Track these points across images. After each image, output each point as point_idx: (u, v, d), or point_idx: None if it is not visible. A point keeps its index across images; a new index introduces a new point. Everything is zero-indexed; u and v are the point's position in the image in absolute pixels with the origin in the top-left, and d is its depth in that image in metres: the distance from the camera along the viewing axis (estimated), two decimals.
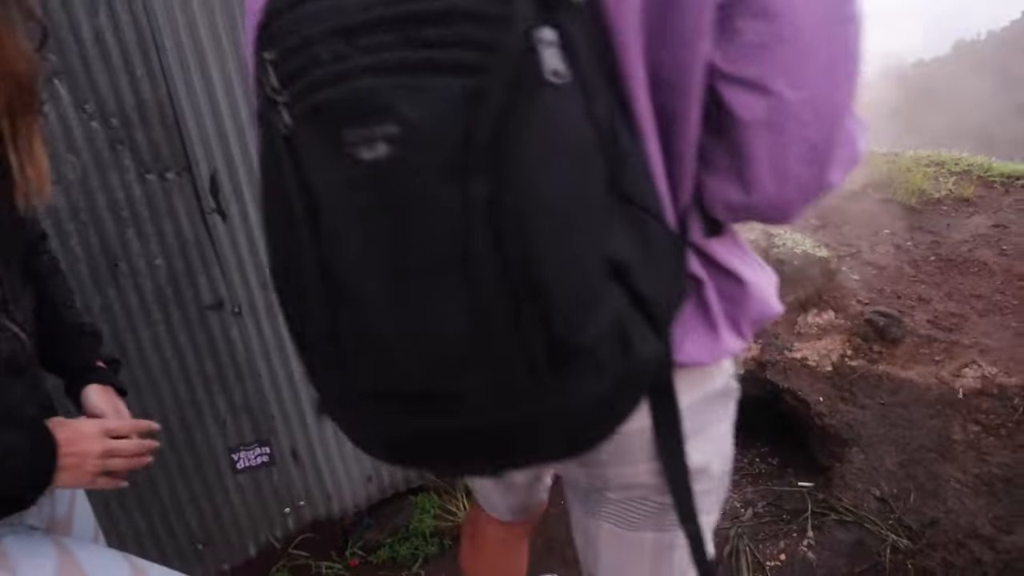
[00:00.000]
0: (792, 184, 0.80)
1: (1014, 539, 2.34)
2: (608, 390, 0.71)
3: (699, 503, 1.00)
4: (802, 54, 0.74)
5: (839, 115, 0.78)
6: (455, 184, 0.63)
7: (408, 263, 0.67)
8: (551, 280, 0.65)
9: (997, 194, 4.51)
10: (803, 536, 2.50)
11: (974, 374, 2.81)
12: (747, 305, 0.93)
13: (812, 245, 3.54)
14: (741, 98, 0.76)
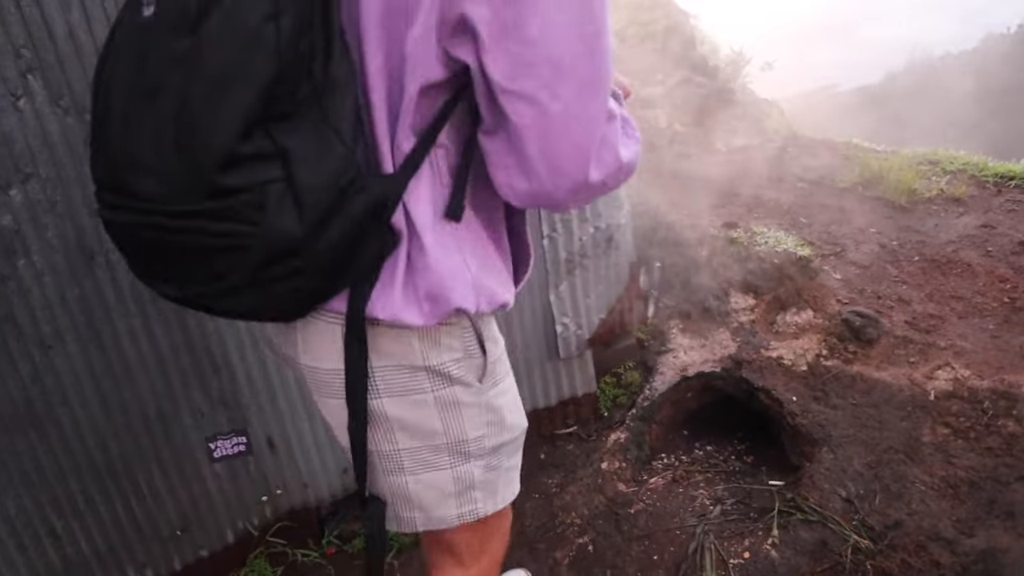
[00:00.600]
0: (562, 178, 1.03)
1: (974, 542, 2.36)
2: (239, 239, 0.97)
3: (400, 460, 1.28)
4: (561, 74, 0.96)
5: (594, 124, 1.01)
6: (174, 38, 0.92)
7: (137, 87, 0.97)
8: (202, 126, 0.92)
9: (989, 194, 4.51)
10: (768, 535, 2.53)
11: (947, 376, 2.83)
12: (426, 276, 1.11)
13: (794, 243, 3.56)
14: (516, 107, 0.99)
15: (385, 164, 1.06)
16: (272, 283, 1.02)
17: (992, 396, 2.71)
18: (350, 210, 1.00)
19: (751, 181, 4.68)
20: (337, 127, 0.98)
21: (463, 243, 1.16)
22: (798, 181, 4.76)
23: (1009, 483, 2.49)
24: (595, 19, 0.97)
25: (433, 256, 1.11)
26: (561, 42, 0.96)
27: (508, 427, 1.38)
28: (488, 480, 1.38)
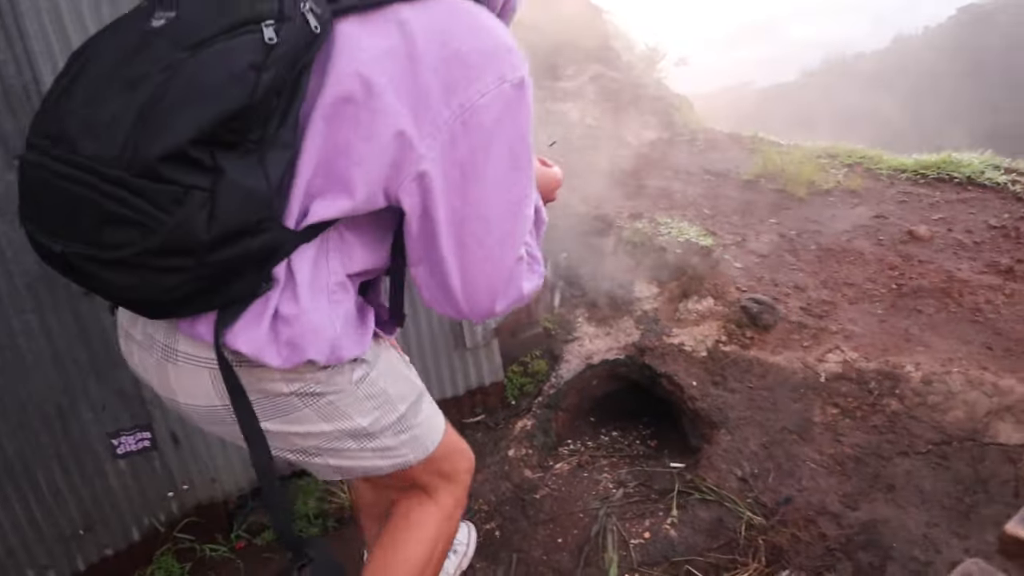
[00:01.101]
0: (475, 307, 1.34)
1: (858, 515, 2.49)
2: (149, 219, 1.08)
3: (309, 453, 1.51)
4: (488, 229, 1.27)
5: (507, 269, 1.32)
6: (174, 50, 1.08)
7: (120, 73, 1.11)
8: (163, 120, 1.06)
9: (883, 186, 4.70)
10: (668, 515, 2.61)
11: (837, 359, 2.96)
12: (291, 325, 1.27)
13: (697, 234, 3.66)
14: (447, 248, 1.28)
15: (289, 221, 1.21)
16: (157, 271, 1.14)
17: (878, 377, 2.84)
18: (249, 242, 1.15)
19: (659, 174, 4.79)
20: (268, 173, 1.14)
21: (337, 305, 1.34)
22: (704, 174, 4.88)
23: (891, 458, 2.62)
24: (521, 189, 1.29)
25: (304, 309, 1.27)
26: (492, 205, 1.25)
27: (397, 399, 1.56)
28: (404, 440, 1.59)
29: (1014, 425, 2.55)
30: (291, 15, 1.12)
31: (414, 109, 1.19)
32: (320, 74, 1.19)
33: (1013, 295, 3.27)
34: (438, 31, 1.20)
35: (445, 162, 1.22)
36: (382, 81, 1.18)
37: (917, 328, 3.10)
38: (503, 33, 1.26)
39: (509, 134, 1.25)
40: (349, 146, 1.20)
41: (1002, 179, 4.53)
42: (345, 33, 1.20)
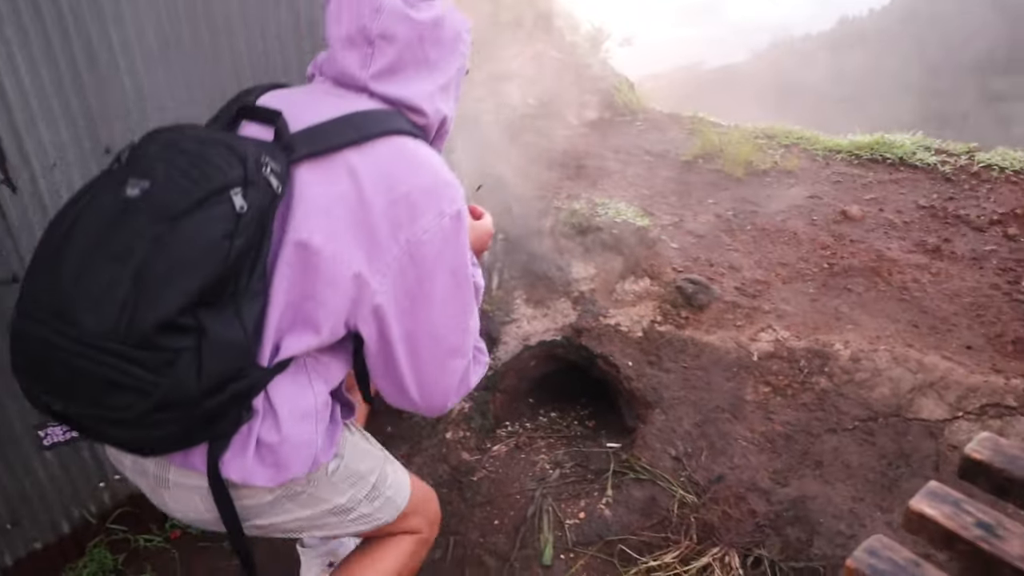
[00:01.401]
0: (430, 407, 1.57)
1: (787, 491, 2.53)
2: (145, 384, 1.17)
3: (292, 533, 1.68)
4: (437, 343, 1.47)
5: (457, 375, 1.55)
6: (154, 222, 1.17)
7: (106, 246, 1.19)
8: (154, 294, 1.16)
9: (818, 167, 4.77)
10: (603, 495, 2.63)
11: (769, 338, 3.00)
12: (274, 450, 1.41)
13: (634, 214, 3.67)
14: (402, 362, 1.48)
15: (263, 359, 1.34)
16: (153, 425, 1.24)
17: (808, 355, 2.89)
18: (234, 387, 1.27)
19: (598, 154, 4.79)
20: (244, 321, 1.26)
21: (321, 422, 1.49)
22: (644, 154, 4.90)
23: (820, 435, 2.67)
24: (465, 306, 1.50)
25: (285, 436, 1.41)
26: (440, 323, 1.46)
27: (367, 473, 1.72)
28: (378, 506, 1.76)
29: (936, 401, 2.61)
30: (255, 179, 1.24)
31: (368, 251, 1.35)
32: (281, 222, 1.33)
33: (939, 274, 3.35)
34: (384, 175, 1.37)
35: (396, 292, 1.39)
36: (338, 227, 1.34)
37: (847, 307, 3.16)
38: (440, 168, 1.45)
39: (450, 261, 1.44)
40: (313, 289, 1.35)
41: (932, 160, 4.63)
42: (301, 180, 1.35)
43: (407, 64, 1.52)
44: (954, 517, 1.06)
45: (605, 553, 2.47)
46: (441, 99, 1.61)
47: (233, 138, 1.31)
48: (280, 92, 1.57)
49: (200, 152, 1.25)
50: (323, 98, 1.51)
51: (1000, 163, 4.41)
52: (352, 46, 1.50)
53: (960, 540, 1.04)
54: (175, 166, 1.23)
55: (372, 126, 1.43)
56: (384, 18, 1.47)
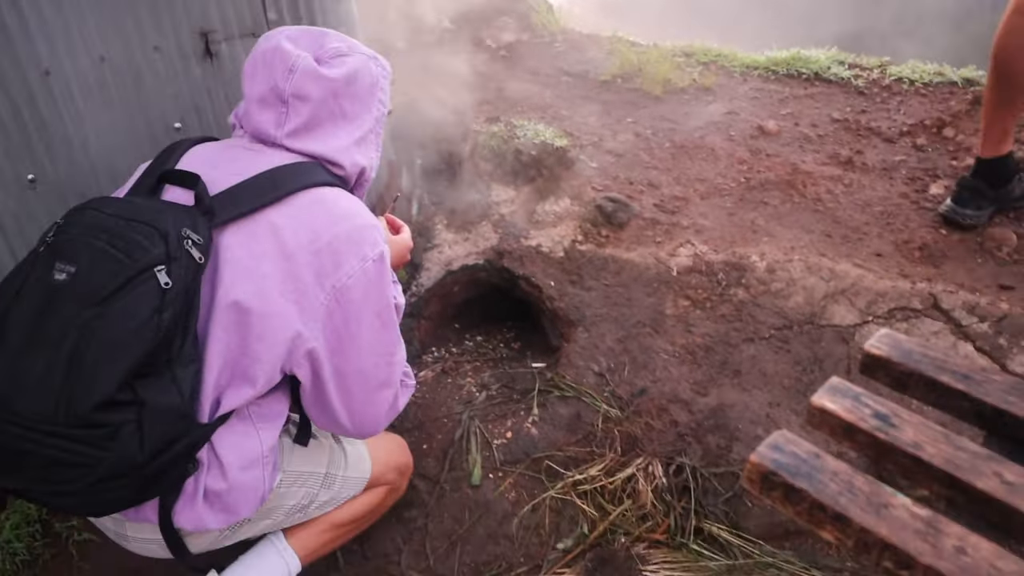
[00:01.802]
0: (363, 434, 1.71)
1: (707, 400, 2.60)
2: (89, 459, 1.24)
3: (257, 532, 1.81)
4: (365, 379, 1.60)
5: (386, 404, 1.69)
6: (82, 306, 1.23)
7: (39, 333, 1.25)
8: (89, 377, 1.22)
9: (736, 83, 4.79)
10: (529, 414, 2.66)
11: (687, 253, 3.04)
12: (222, 496, 1.50)
13: (552, 135, 3.64)
14: (335, 398, 1.60)
15: (202, 415, 1.42)
16: (101, 492, 1.29)
17: (726, 268, 2.94)
18: (175, 448, 1.34)
19: (517, 76, 4.72)
20: (180, 387, 1.32)
21: (268, 465, 1.58)
22: (562, 75, 4.85)
23: (738, 345, 2.74)
24: (391, 343, 1.64)
25: (232, 484, 1.49)
26: (368, 360, 1.58)
27: (315, 467, 1.82)
28: (338, 488, 1.90)
29: (847, 307, 2.69)
30: (177, 255, 1.30)
31: (298, 302, 1.44)
32: (210, 287, 1.40)
33: (851, 185, 3.42)
34: (305, 228, 1.46)
35: (326, 334, 1.49)
36: (266, 285, 1.41)
37: (763, 220, 3.21)
38: (360, 214, 1.55)
39: (375, 303, 1.55)
40: (248, 347, 1.42)
41: (846, 74, 4.69)
42: (225, 244, 1.42)
43: (322, 120, 1.60)
44: (853, 410, 1.09)
45: (532, 470, 2.51)
46: (359, 152, 1.68)
47: (154, 212, 1.35)
48: (202, 149, 1.62)
49: (122, 232, 1.29)
50: (242, 154, 1.56)
51: (911, 76, 4.49)
52: (266, 105, 1.57)
53: (858, 431, 1.07)
54: (98, 249, 1.27)
55: (290, 182, 1.49)
56: (297, 78, 1.53)
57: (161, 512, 1.48)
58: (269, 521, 1.77)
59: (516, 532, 2.37)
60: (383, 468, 2.09)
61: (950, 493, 0.98)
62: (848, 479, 0.97)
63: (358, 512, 2.04)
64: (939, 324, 2.56)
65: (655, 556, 2.28)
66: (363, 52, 1.68)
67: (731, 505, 2.38)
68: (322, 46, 1.62)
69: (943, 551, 0.86)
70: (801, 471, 0.99)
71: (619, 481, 2.42)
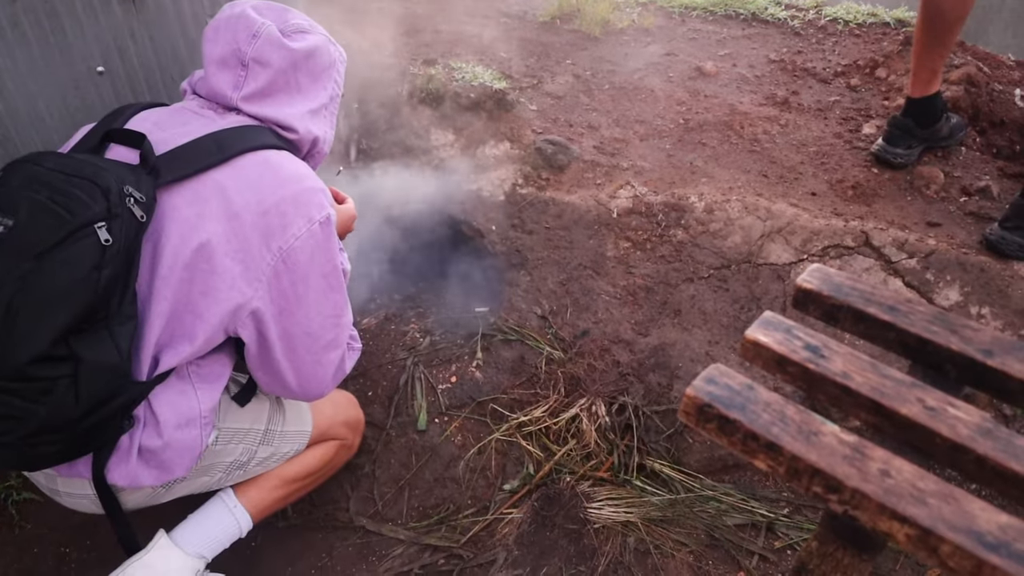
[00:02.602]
0: (309, 395, 1.72)
1: (649, 340, 2.64)
2: (20, 412, 1.25)
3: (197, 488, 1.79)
4: (313, 339, 1.61)
5: (333, 366, 1.69)
6: (19, 259, 1.22)
7: None
8: (22, 331, 1.22)
9: (674, 24, 4.78)
10: (473, 358, 2.68)
11: (627, 195, 3.05)
12: (157, 454, 1.51)
13: (491, 77, 3.60)
14: (282, 358, 1.61)
15: (140, 373, 1.43)
16: (35, 446, 1.31)
17: (665, 209, 2.96)
18: (111, 404, 1.35)
19: (454, 19, 4.64)
20: (118, 344, 1.33)
21: (206, 423, 1.57)
22: (501, 16, 4.78)
23: (678, 285, 2.78)
24: (337, 305, 1.64)
25: (167, 441, 1.50)
26: (315, 322, 1.58)
27: (251, 424, 1.81)
28: (279, 445, 1.90)
29: (783, 246, 2.74)
30: (119, 212, 1.29)
31: (243, 262, 1.44)
32: (153, 244, 1.40)
33: (787, 125, 3.46)
34: (251, 188, 1.45)
35: (272, 295, 1.50)
36: (211, 243, 1.40)
37: (701, 161, 3.24)
38: (307, 176, 1.55)
39: (321, 264, 1.56)
40: (192, 303, 1.43)
41: (783, 15, 4.72)
42: (171, 204, 1.41)
43: (278, 89, 1.61)
44: (784, 343, 1.12)
45: (478, 414, 2.54)
46: (312, 121, 1.70)
47: (95, 169, 1.33)
48: (150, 112, 1.61)
49: (62, 187, 1.28)
50: (192, 118, 1.56)
51: (845, 16, 4.54)
52: (225, 67, 1.57)
53: (790, 363, 1.10)
54: (38, 203, 1.26)
55: (237, 143, 1.49)
56: (260, 44, 1.55)
57: (95, 467, 1.47)
58: (206, 478, 1.76)
59: (463, 475, 2.40)
60: (329, 423, 2.09)
61: (877, 420, 1.01)
62: (780, 409, 1.00)
63: (309, 466, 2.04)
64: (871, 261, 2.62)
65: (600, 493, 2.33)
66: (323, 33, 1.71)
67: (672, 442, 2.44)
68: (286, 20, 1.63)
69: (868, 474, 0.89)
70: (735, 403, 1.01)
71: (563, 422, 2.46)
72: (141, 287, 1.40)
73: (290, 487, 2.01)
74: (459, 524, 2.31)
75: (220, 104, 1.61)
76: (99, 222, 1.27)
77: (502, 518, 2.31)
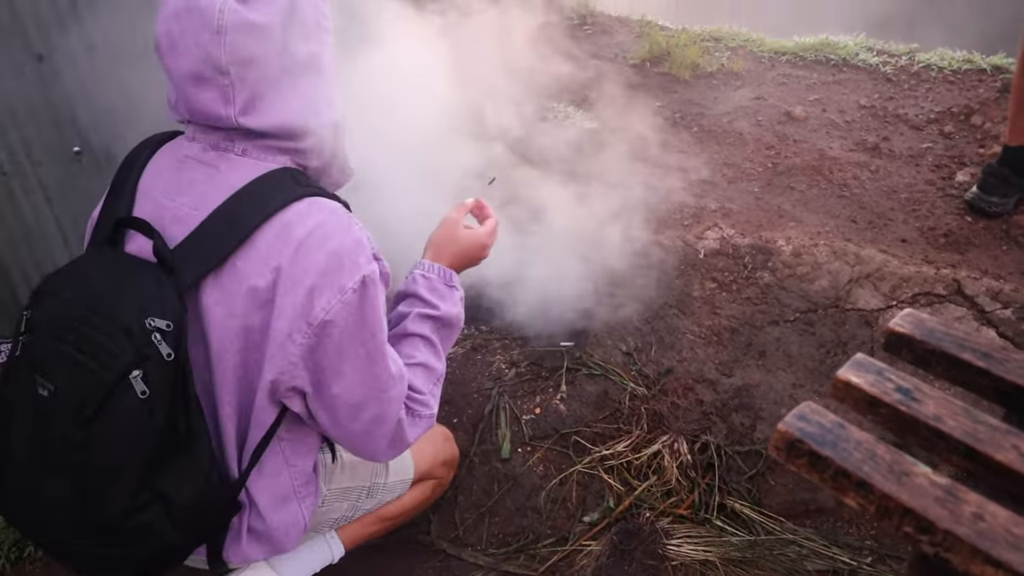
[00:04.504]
0: (374, 458, 1.61)
1: (732, 380, 2.66)
2: (128, 554, 1.31)
3: None
4: (358, 411, 1.47)
5: (382, 436, 1.53)
6: (70, 430, 1.21)
7: (41, 457, 1.25)
8: (99, 498, 1.24)
9: (764, 68, 4.80)
10: (557, 391, 2.73)
11: (715, 236, 3.09)
12: (264, 535, 1.57)
13: (583, 118, 3.69)
14: (332, 431, 1.51)
15: (232, 470, 1.46)
16: (150, 565, 1.36)
17: (752, 251, 2.99)
18: (212, 511, 1.40)
19: (547, 58, 4.76)
20: (200, 463, 1.34)
21: (305, 498, 1.61)
22: (592, 58, 4.88)
23: (763, 327, 2.79)
24: (379, 380, 1.46)
25: (270, 524, 1.54)
26: (357, 393, 1.43)
27: (359, 481, 1.87)
28: (381, 496, 1.96)
29: (871, 292, 2.73)
30: (147, 352, 1.23)
31: (282, 345, 1.35)
32: (203, 347, 1.38)
33: (878, 171, 3.45)
34: (273, 269, 1.33)
35: (310, 370, 1.39)
36: (251, 336, 1.36)
37: (790, 204, 3.25)
38: (334, 235, 1.36)
39: (358, 336, 1.40)
40: (251, 392, 1.42)
41: (874, 60, 4.69)
42: (202, 305, 1.36)
43: (274, 78, 1.33)
44: (876, 384, 1.14)
45: (560, 445, 2.58)
46: (325, 102, 1.44)
47: (114, 299, 1.26)
48: (159, 169, 1.46)
49: (88, 334, 1.23)
50: (198, 173, 1.40)
51: (939, 63, 4.49)
52: (203, 82, 1.30)
53: (881, 404, 1.12)
54: (69, 359, 1.22)
55: (248, 216, 1.33)
56: (230, 40, 1.25)
57: (210, 553, 1.53)
58: (313, 534, 1.85)
59: (544, 505, 2.45)
60: (430, 464, 2.13)
61: (970, 465, 1.03)
62: (871, 448, 1.03)
63: (406, 506, 2.10)
64: (962, 310, 2.60)
65: (679, 530, 2.34)
66: None
67: (754, 483, 2.44)
68: None
69: (962, 517, 0.91)
70: (826, 440, 1.04)
71: (645, 457, 2.49)
72: (203, 394, 1.39)
73: (385, 523, 2.08)
74: (538, 553, 2.35)
75: (214, 126, 1.38)
76: (132, 370, 1.22)
77: (581, 549, 2.34)
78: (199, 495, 1.34)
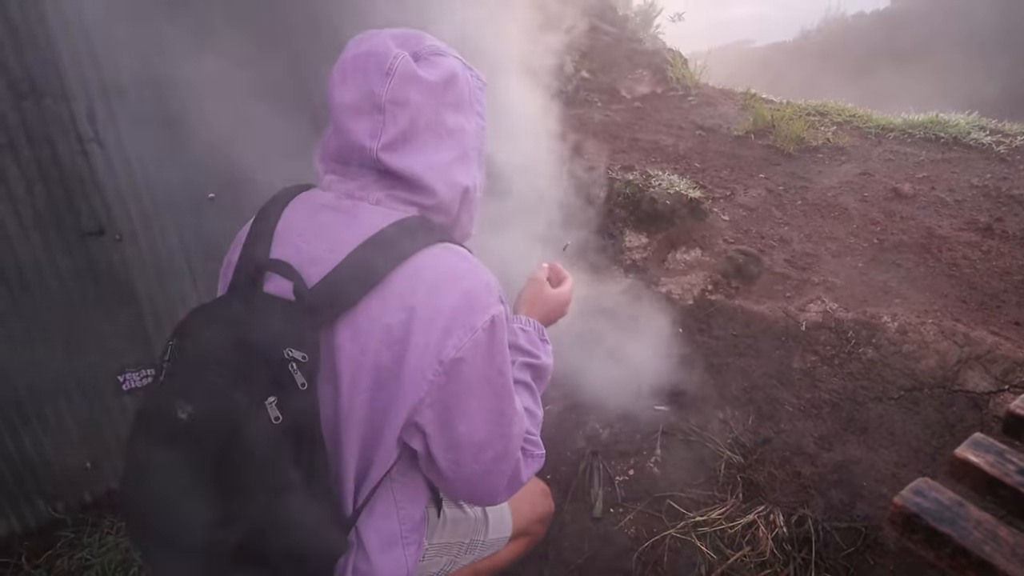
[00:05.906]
0: (482, 503, 1.81)
1: (832, 455, 2.62)
2: None
3: None
4: (480, 450, 1.45)
5: (503, 476, 1.50)
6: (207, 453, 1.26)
7: (178, 483, 1.29)
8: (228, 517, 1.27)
9: (870, 144, 4.78)
10: (651, 454, 2.74)
11: (817, 309, 3.07)
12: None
13: (687, 186, 3.74)
14: (451, 469, 1.47)
15: (347, 508, 1.47)
16: None
17: (856, 326, 2.96)
18: (322, 547, 1.41)
19: (651, 128, 4.85)
20: (317, 498, 1.37)
21: (409, 545, 1.62)
22: (696, 129, 4.95)
23: (865, 403, 2.75)
24: (504, 416, 1.45)
25: (375, 567, 1.55)
26: (481, 432, 1.43)
27: (461, 538, 1.90)
28: (479, 552, 1.98)
29: (982, 374, 2.68)
30: (283, 380, 1.29)
31: (409, 379, 1.36)
32: (332, 385, 1.40)
33: (989, 252, 3.38)
34: (406, 309, 1.36)
35: (436, 408, 1.40)
36: (380, 376, 1.38)
37: (896, 281, 3.22)
38: (464, 277, 1.41)
39: (486, 373, 1.42)
40: (376, 433, 1.43)
41: (987, 140, 4.62)
42: (335, 343, 1.39)
43: (421, 130, 1.45)
44: (997, 465, 1.15)
45: (653, 508, 2.59)
46: (460, 169, 1.54)
47: (256, 326, 1.35)
48: (295, 215, 1.55)
49: (230, 360, 1.30)
50: (333, 220, 1.48)
51: None
52: (360, 114, 1.42)
53: (1003, 486, 1.12)
54: (209, 385, 1.29)
55: (385, 258, 1.39)
56: (395, 82, 1.39)
57: None
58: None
59: (634, 567, 2.44)
60: (527, 522, 2.15)
61: None
62: (992, 529, 1.03)
63: (499, 562, 2.13)
64: None
65: None
66: (458, 56, 1.54)
67: (852, 561, 2.39)
68: (419, 43, 1.47)
69: None
70: (945, 517, 1.05)
71: (739, 526, 2.47)
72: (326, 431, 1.42)
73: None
74: None
75: (355, 160, 1.49)
76: (268, 396, 1.28)
77: None
78: (324, 547, 1.39)
